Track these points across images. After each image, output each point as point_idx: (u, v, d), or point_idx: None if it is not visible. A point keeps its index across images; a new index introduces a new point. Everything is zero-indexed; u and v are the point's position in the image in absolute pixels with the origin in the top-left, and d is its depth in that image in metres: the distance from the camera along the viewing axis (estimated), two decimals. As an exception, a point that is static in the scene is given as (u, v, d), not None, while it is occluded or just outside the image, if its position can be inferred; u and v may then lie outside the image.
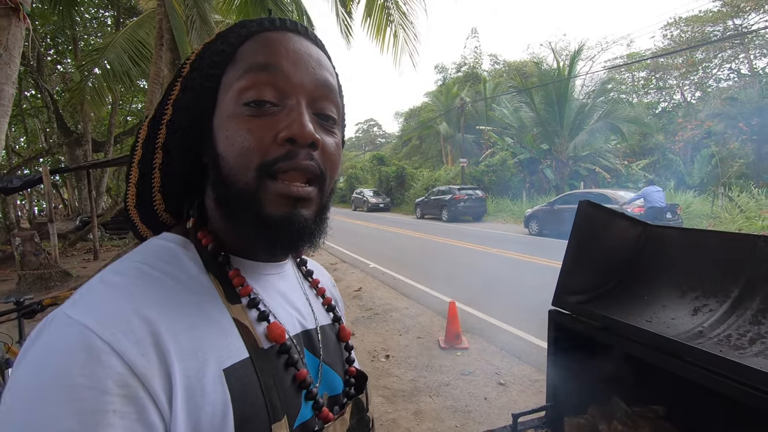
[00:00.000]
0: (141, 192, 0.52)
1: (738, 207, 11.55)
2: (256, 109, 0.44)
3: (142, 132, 0.52)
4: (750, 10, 18.77)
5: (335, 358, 0.57)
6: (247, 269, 0.51)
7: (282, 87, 0.45)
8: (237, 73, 0.46)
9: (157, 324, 0.39)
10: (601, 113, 17.34)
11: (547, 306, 1.13)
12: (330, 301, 0.63)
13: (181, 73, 0.50)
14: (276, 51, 0.46)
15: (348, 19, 6.72)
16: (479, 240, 11.54)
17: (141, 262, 0.45)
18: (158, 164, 0.51)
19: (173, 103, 0.49)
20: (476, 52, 36.65)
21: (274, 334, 0.47)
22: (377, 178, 28.33)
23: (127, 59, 8.34)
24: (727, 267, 0.93)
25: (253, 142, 0.43)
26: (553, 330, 1.12)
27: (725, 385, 0.73)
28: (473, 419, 2.84)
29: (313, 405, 0.49)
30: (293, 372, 0.48)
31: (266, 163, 0.43)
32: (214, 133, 0.46)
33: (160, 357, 0.38)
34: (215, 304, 0.45)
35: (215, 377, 0.40)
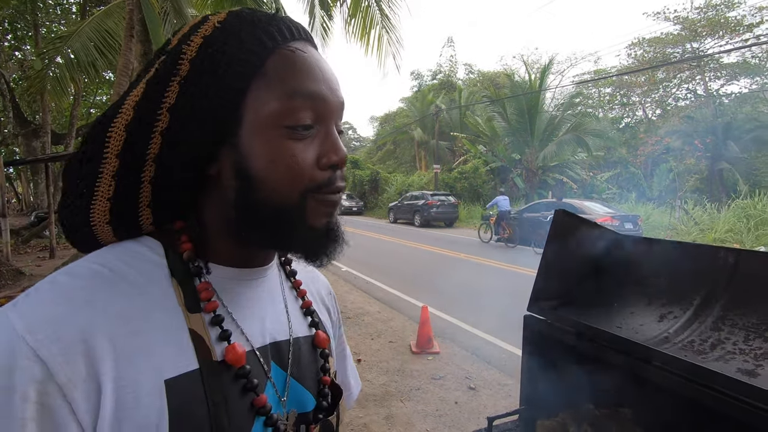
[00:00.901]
0: (119, 208, 0.46)
1: (693, 220, 12.22)
2: (298, 132, 0.44)
3: (113, 140, 0.44)
4: (706, 35, 20.00)
5: (308, 371, 0.54)
6: (225, 276, 0.49)
7: (321, 112, 0.45)
8: (272, 92, 0.43)
9: (92, 329, 0.38)
10: (570, 126, 18.00)
11: (517, 311, 1.16)
12: (309, 305, 0.60)
13: (176, 72, 0.43)
14: (315, 76, 0.45)
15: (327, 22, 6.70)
16: (451, 245, 11.68)
17: (99, 263, 0.43)
18: (149, 177, 0.45)
19: (170, 110, 0.43)
20: (452, 61, 37.31)
21: (232, 357, 0.44)
22: (351, 182, 28.26)
23: (93, 49, 7.97)
24: (690, 276, 0.99)
25: (299, 167, 0.43)
26: (527, 335, 1.15)
27: (689, 387, 0.77)
28: (444, 423, 2.87)
29: (273, 431, 0.46)
30: (251, 397, 0.45)
31: (312, 187, 0.44)
32: (241, 151, 0.43)
33: (89, 365, 0.37)
34: (172, 311, 0.43)
35: (153, 387, 0.38)
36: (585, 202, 11.76)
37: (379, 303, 5.98)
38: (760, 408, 0.68)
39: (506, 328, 4.57)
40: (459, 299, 6.02)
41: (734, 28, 19.11)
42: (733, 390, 0.71)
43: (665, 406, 0.94)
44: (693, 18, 20.10)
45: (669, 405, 0.94)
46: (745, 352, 0.80)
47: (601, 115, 24.15)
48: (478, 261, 9.24)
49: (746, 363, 0.78)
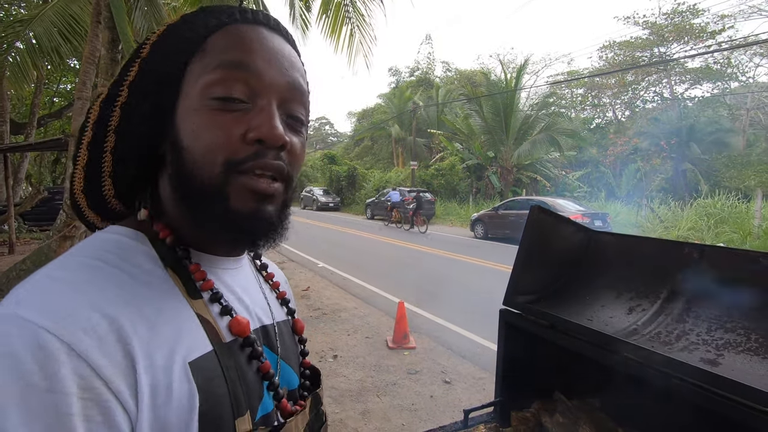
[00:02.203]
0: (89, 176, 0.49)
1: (658, 218, 12.74)
2: (225, 104, 0.43)
3: (93, 112, 0.48)
4: (672, 40, 20.81)
5: (291, 354, 0.58)
6: (204, 263, 0.49)
7: (254, 85, 0.44)
8: (207, 65, 0.44)
9: (118, 320, 0.37)
10: (543, 125, 18.42)
11: (492, 306, 1.18)
12: (284, 295, 0.63)
13: (140, 54, 0.47)
14: (250, 48, 0.45)
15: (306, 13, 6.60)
16: (427, 242, 11.79)
17: (89, 257, 0.42)
18: (110, 148, 0.47)
19: (129, 85, 0.46)
20: (429, 58, 37.49)
21: (238, 328, 0.47)
22: (328, 177, 28.07)
23: (57, 35, 7.58)
24: (657, 270, 1.03)
25: (221, 138, 0.42)
26: (503, 328, 1.17)
27: (656, 376, 0.81)
28: (419, 417, 2.90)
29: (274, 396, 0.49)
30: (257, 365, 0.48)
31: (234, 161, 0.43)
32: (176, 123, 0.44)
33: (126, 355, 0.36)
34: (176, 299, 0.44)
35: (181, 371, 0.39)
36: (557, 199, 12.08)
37: (356, 299, 5.97)
38: (721, 395, 0.72)
39: (481, 323, 4.65)
40: (435, 295, 6.08)
41: (698, 34, 19.98)
42: (697, 378, 0.75)
43: (633, 396, 0.98)
44: (660, 23, 20.88)
45: (637, 394, 0.98)
46: (707, 343, 0.84)
47: (573, 116, 24.83)
48: (455, 258, 9.36)
49: (708, 353, 0.82)
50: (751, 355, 0.77)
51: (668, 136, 17.20)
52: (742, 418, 0.69)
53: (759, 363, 0.75)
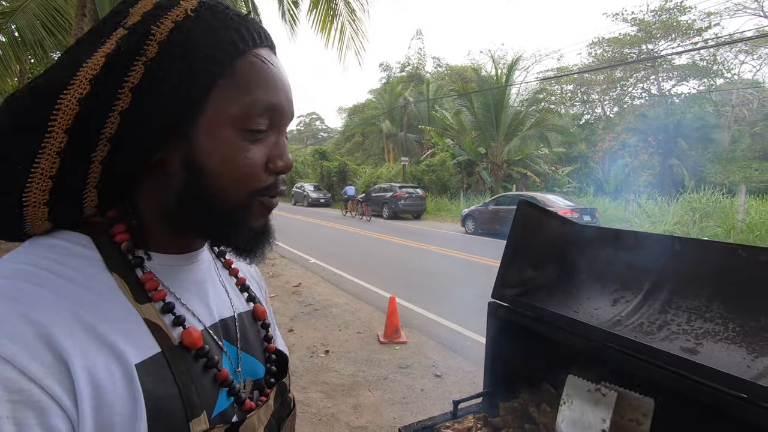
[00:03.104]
0: (63, 187, 0.42)
1: (645, 212, 12.94)
2: (254, 135, 0.45)
3: (63, 112, 0.40)
4: (660, 37, 21.04)
5: (254, 343, 0.58)
6: (162, 263, 0.49)
7: (275, 121, 0.47)
8: (239, 95, 0.44)
9: (48, 326, 0.36)
10: (533, 121, 18.53)
11: (482, 301, 1.20)
12: (243, 281, 0.63)
13: (143, 52, 0.40)
14: (277, 88, 0.47)
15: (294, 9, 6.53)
16: (419, 237, 11.83)
17: (25, 263, 0.40)
18: (100, 158, 0.42)
19: (134, 90, 0.40)
20: (420, 54, 37.43)
21: (190, 340, 0.46)
22: (319, 173, 27.96)
23: (41, 27, 7.41)
24: (641, 263, 1.05)
25: (250, 168, 0.45)
26: (491, 321, 1.19)
27: (638, 365, 0.83)
28: (410, 411, 2.92)
29: (235, 400, 0.49)
30: (213, 373, 0.48)
31: (259, 189, 0.47)
32: (195, 142, 0.43)
33: (57, 358, 0.36)
34: (120, 304, 0.42)
35: (125, 373, 0.39)
36: (547, 195, 12.19)
37: (347, 294, 5.98)
38: (699, 381, 0.74)
39: (471, 317, 4.70)
40: (426, 290, 6.12)
41: (685, 31, 20.21)
42: (677, 366, 0.77)
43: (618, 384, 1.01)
44: (648, 20, 21.08)
45: (621, 383, 1.00)
46: (687, 332, 0.87)
47: (563, 112, 25.02)
48: (446, 252, 9.41)
49: (688, 342, 0.84)
50: (729, 343, 0.80)
51: (656, 132, 17.46)
52: (719, 404, 0.72)
53: (736, 351, 0.78)
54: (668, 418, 0.91)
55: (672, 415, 0.91)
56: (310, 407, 2.92)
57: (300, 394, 3.07)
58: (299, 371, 3.47)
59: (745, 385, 0.68)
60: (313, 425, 2.73)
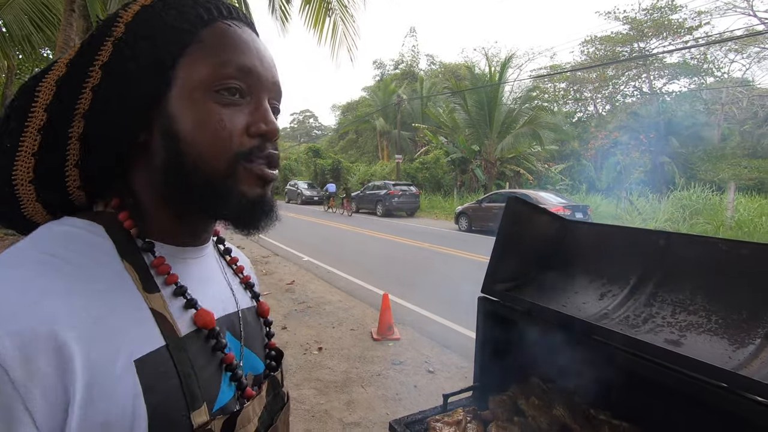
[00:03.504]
0: (44, 165, 0.45)
1: (636, 210, 13.07)
2: (228, 98, 0.45)
3: (42, 93, 0.44)
4: (651, 35, 21.21)
5: (255, 340, 0.59)
6: (168, 255, 0.49)
7: (251, 84, 0.47)
8: (208, 59, 0.45)
9: (55, 319, 0.36)
10: (526, 119, 18.62)
11: (474, 297, 1.21)
12: (248, 279, 0.64)
13: (111, 33, 0.44)
14: (248, 49, 0.47)
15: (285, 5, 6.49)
16: (412, 235, 11.85)
17: (39, 251, 0.41)
18: (77, 134, 0.45)
19: (103, 66, 0.44)
20: (414, 51, 37.42)
21: (203, 321, 0.47)
22: (312, 171, 27.89)
23: (29, 23, 7.30)
24: (628, 257, 1.07)
25: (227, 131, 0.44)
26: (481, 315, 1.20)
27: (624, 357, 0.85)
28: (403, 406, 2.94)
29: (237, 386, 0.50)
30: (220, 356, 0.48)
31: (242, 153, 0.45)
32: (169, 112, 0.44)
33: (54, 357, 0.35)
34: (129, 293, 0.43)
35: (124, 369, 0.38)
36: (540, 192, 12.27)
37: (341, 292, 5.98)
38: (683, 372, 0.76)
39: (464, 314, 4.72)
40: (420, 287, 6.14)
41: (676, 30, 20.39)
42: (662, 358, 0.79)
43: (604, 376, 1.02)
44: (640, 19, 21.24)
45: (607, 375, 1.02)
46: (672, 325, 0.88)
47: (556, 110, 25.15)
48: (439, 250, 9.44)
49: (672, 334, 0.86)
50: (711, 335, 0.82)
51: (647, 130, 17.62)
52: (702, 394, 0.73)
53: (718, 342, 0.80)
54: (654, 408, 0.93)
55: (657, 406, 0.92)
56: (303, 404, 2.92)
57: (293, 391, 3.07)
58: (293, 368, 3.47)
59: (725, 375, 0.69)
60: (307, 422, 2.74)
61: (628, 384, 0.97)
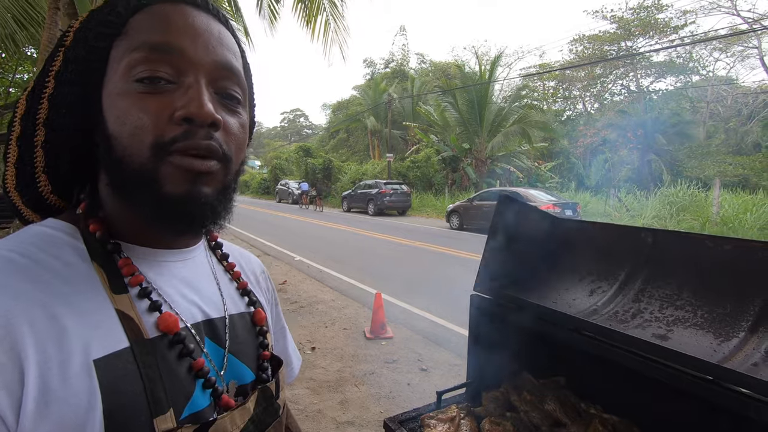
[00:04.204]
0: (21, 173, 0.48)
1: (625, 207, 13.25)
2: (149, 86, 0.42)
3: (20, 106, 0.47)
4: (639, 34, 21.49)
5: (245, 347, 0.56)
6: (142, 257, 0.48)
7: (178, 64, 0.43)
8: (128, 47, 0.43)
9: (9, 316, 0.37)
10: (516, 117, 18.75)
11: (467, 295, 1.22)
12: (245, 285, 0.61)
13: (63, 43, 0.46)
14: (171, 26, 0.43)
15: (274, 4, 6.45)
16: (404, 233, 11.88)
17: (7, 249, 0.42)
18: (40, 142, 0.46)
19: (55, 76, 0.45)
20: (404, 50, 37.44)
21: (166, 325, 0.45)
22: (303, 170, 27.75)
23: (12, 21, 7.15)
24: (616, 254, 1.09)
25: (146, 120, 0.41)
26: (474, 313, 1.22)
27: (613, 352, 0.87)
28: (397, 404, 2.95)
29: (212, 393, 0.47)
30: (188, 362, 0.46)
31: (162, 142, 0.41)
32: (103, 111, 0.43)
33: (9, 350, 0.36)
34: (94, 294, 0.42)
35: (81, 368, 0.38)
36: (530, 190, 12.36)
37: (333, 291, 5.98)
38: (669, 366, 0.78)
39: (457, 312, 4.75)
40: (412, 285, 6.16)
41: (662, 29, 20.68)
42: (649, 352, 0.81)
43: (595, 371, 1.04)
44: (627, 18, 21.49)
45: (598, 370, 1.04)
46: (659, 320, 0.90)
47: (545, 108, 25.36)
48: (431, 248, 9.47)
49: (660, 329, 0.88)
50: (697, 329, 0.84)
51: (634, 127, 17.83)
52: (688, 386, 0.75)
53: (704, 336, 0.82)
54: (643, 401, 0.95)
55: (646, 399, 0.94)
56: (296, 404, 2.92)
57: (287, 390, 3.07)
58: (285, 368, 3.46)
59: (710, 368, 0.71)
60: (300, 421, 2.73)
61: (618, 378, 0.99)
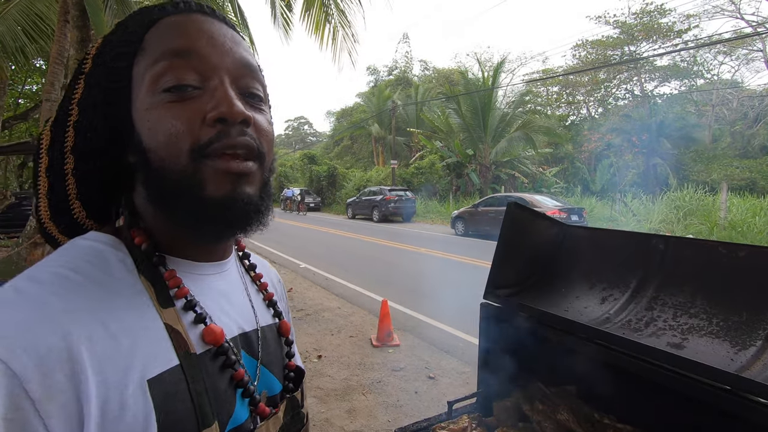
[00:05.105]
0: (55, 203, 0.48)
1: (631, 211, 13.16)
2: (176, 94, 0.42)
3: (44, 137, 0.48)
4: (642, 39, 21.48)
5: (274, 358, 0.57)
6: (183, 270, 0.48)
7: (201, 69, 0.43)
8: (149, 61, 0.43)
9: (70, 335, 0.36)
10: (520, 123, 18.74)
11: (473, 302, 1.22)
12: (272, 296, 0.62)
13: (82, 70, 0.47)
14: (188, 33, 0.44)
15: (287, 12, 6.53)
16: (409, 240, 11.85)
17: (61, 266, 0.41)
18: (70, 170, 0.47)
19: (78, 103, 0.46)
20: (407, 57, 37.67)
21: (212, 337, 0.46)
22: (308, 177, 27.86)
23: (22, 34, 7.28)
24: (628, 261, 1.08)
25: (180, 127, 0.41)
26: (484, 321, 1.21)
27: (627, 361, 0.86)
28: (404, 413, 2.93)
29: (249, 402, 0.48)
30: (230, 373, 0.47)
31: (199, 146, 0.41)
32: (136, 129, 0.44)
33: (69, 373, 0.35)
34: (145, 309, 0.43)
35: (137, 388, 0.38)
36: (535, 195, 12.32)
37: (339, 299, 5.97)
38: (685, 375, 0.77)
39: (463, 319, 4.72)
40: (418, 292, 6.13)
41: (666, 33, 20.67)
42: (664, 361, 0.80)
43: (607, 380, 1.03)
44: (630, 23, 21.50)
45: (610, 379, 1.03)
46: (673, 328, 0.89)
47: (549, 113, 25.36)
48: (437, 255, 9.44)
49: (674, 337, 0.87)
50: (713, 337, 0.83)
51: (639, 132, 17.78)
52: (705, 396, 0.74)
53: (720, 345, 0.81)
54: (657, 411, 0.94)
55: (661, 409, 0.93)
56: (304, 413, 2.90)
57: (293, 399, 3.05)
58: (292, 377, 3.45)
59: (728, 378, 0.70)
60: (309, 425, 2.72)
61: (631, 387, 0.98)
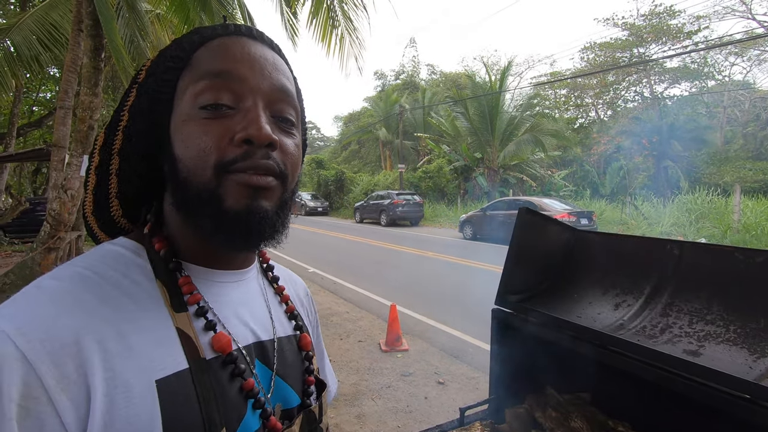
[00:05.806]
0: (98, 198, 0.53)
1: (642, 215, 13.00)
2: (212, 112, 0.45)
3: (99, 139, 0.53)
4: (651, 41, 21.31)
5: (292, 370, 0.56)
6: (201, 277, 0.50)
7: (237, 91, 0.46)
8: (192, 78, 0.47)
9: (82, 331, 0.38)
10: (528, 126, 18.65)
11: (483, 307, 1.21)
12: (293, 309, 0.62)
13: (137, 80, 0.51)
14: (230, 56, 0.47)
15: (293, 20, 6.60)
16: (417, 244, 11.83)
17: (83, 267, 0.44)
18: (114, 170, 0.51)
19: (129, 109, 0.50)
20: (414, 61, 37.78)
21: (220, 345, 0.46)
22: (316, 182, 27.99)
23: (37, 43, 7.45)
24: (641, 267, 1.07)
25: (209, 143, 0.44)
26: (496, 327, 1.20)
27: (642, 368, 0.84)
28: (414, 418, 2.91)
29: (261, 414, 0.48)
30: (240, 382, 0.47)
31: (223, 162, 0.44)
32: (171, 137, 0.47)
33: (79, 366, 0.37)
34: (158, 312, 0.44)
35: (145, 388, 0.39)
36: (544, 199, 12.24)
37: (348, 303, 5.97)
38: (702, 384, 0.75)
39: (473, 323, 4.70)
40: (427, 297, 6.11)
41: (675, 35, 20.48)
42: (680, 369, 0.79)
43: (621, 388, 1.02)
44: (639, 25, 21.35)
45: (624, 386, 1.01)
46: (689, 335, 0.88)
47: (557, 116, 25.21)
48: (446, 259, 9.41)
49: (690, 344, 0.86)
50: (730, 345, 0.81)
51: (649, 134, 17.57)
52: (723, 405, 0.73)
53: (737, 352, 0.79)
54: (673, 419, 0.92)
55: (677, 417, 0.92)
56: (313, 418, 2.90)
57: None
58: (301, 382, 3.45)
59: (748, 386, 0.69)
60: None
61: (646, 395, 0.97)
